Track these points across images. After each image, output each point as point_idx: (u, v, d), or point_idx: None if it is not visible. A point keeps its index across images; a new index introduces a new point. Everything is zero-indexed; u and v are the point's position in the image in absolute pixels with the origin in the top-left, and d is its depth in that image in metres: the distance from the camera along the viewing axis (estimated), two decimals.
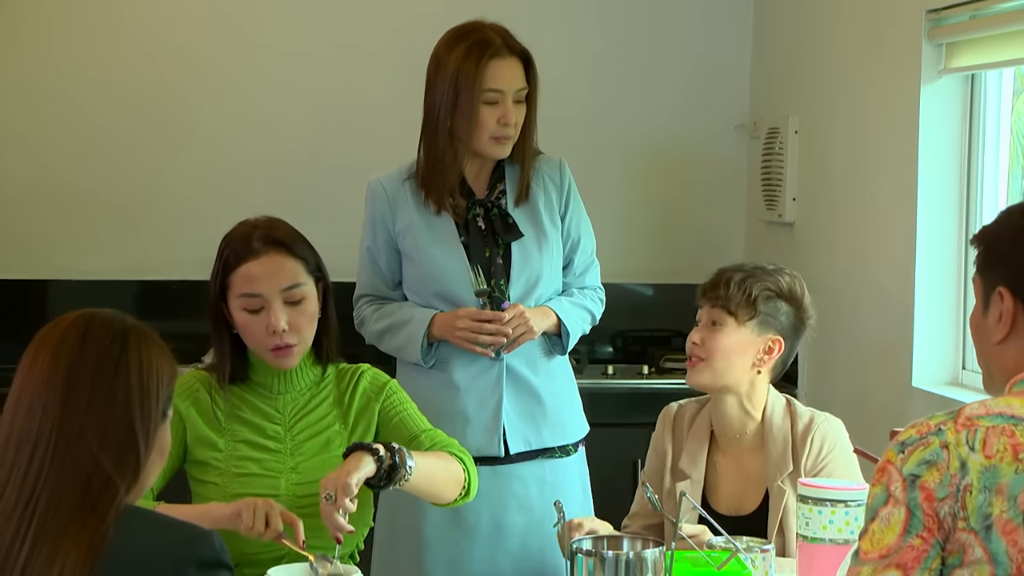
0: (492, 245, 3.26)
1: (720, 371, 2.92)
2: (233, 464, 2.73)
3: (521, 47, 3.24)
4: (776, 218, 4.72)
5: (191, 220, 4.73)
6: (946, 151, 3.80)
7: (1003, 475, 1.87)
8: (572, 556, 2.50)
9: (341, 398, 2.83)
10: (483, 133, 3.20)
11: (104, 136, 4.75)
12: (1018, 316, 2.01)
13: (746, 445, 2.96)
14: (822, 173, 4.46)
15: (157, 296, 4.75)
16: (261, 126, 4.82)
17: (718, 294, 2.95)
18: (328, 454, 2.77)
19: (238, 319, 2.74)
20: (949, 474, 1.88)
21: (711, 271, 3.07)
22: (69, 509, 1.83)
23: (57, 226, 4.72)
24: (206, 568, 1.87)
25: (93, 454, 1.85)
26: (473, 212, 3.27)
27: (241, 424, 2.77)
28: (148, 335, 1.95)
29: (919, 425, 1.94)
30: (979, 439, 1.89)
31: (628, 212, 5.02)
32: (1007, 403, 1.94)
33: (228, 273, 2.73)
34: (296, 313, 2.74)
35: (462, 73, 3.17)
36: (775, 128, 4.72)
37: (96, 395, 1.87)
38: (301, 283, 2.74)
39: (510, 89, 3.20)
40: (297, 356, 2.76)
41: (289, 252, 2.75)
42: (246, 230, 2.76)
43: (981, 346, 2.09)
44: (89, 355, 1.89)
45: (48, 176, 4.72)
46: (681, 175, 5.05)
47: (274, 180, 4.78)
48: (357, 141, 4.82)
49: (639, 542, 2.58)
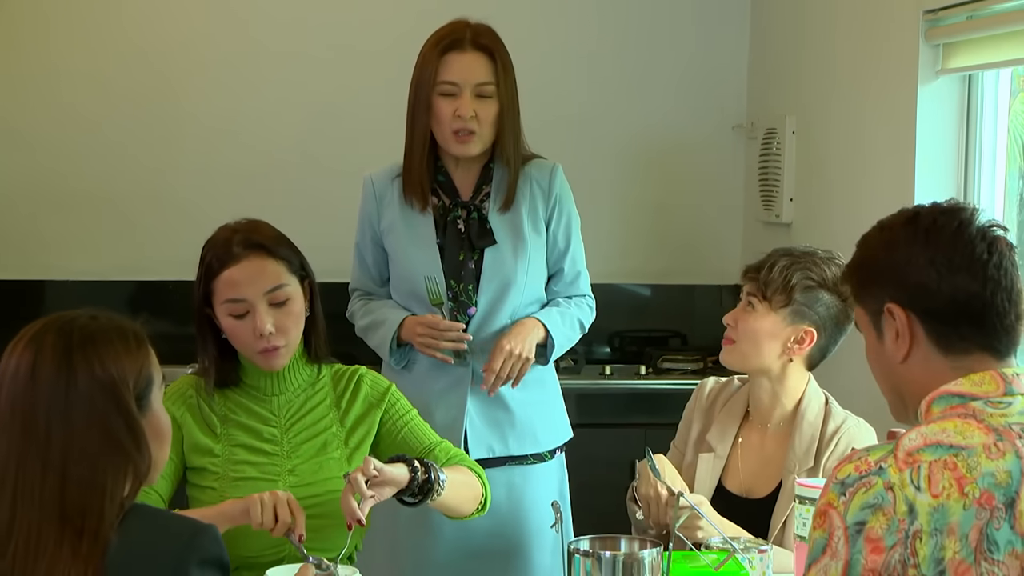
0: (467, 249, 3.23)
1: (747, 354, 2.93)
2: (230, 469, 2.72)
3: (488, 43, 3.19)
4: (773, 219, 4.72)
5: (188, 220, 4.72)
6: (943, 152, 3.80)
7: (952, 514, 1.82)
8: (569, 556, 2.50)
9: (338, 400, 2.83)
10: (443, 127, 3.18)
11: (101, 136, 4.74)
12: (914, 327, 1.96)
13: (773, 431, 2.97)
14: (819, 174, 4.46)
15: (154, 296, 4.74)
16: (258, 125, 4.82)
17: (758, 276, 2.93)
18: (326, 456, 2.76)
19: (225, 325, 2.73)
20: (896, 519, 1.82)
21: (708, 271, 3.07)
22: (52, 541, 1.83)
23: (53, 226, 4.71)
24: (206, 565, 1.88)
25: (59, 485, 1.85)
26: (454, 214, 3.24)
27: (237, 428, 2.76)
28: (97, 338, 1.92)
29: (858, 460, 1.87)
30: (923, 476, 1.83)
31: (625, 213, 5.01)
32: (941, 429, 1.88)
33: (211, 280, 2.73)
34: (282, 315, 2.73)
35: (423, 66, 3.20)
36: (772, 129, 4.72)
37: (53, 426, 1.87)
38: (284, 284, 2.73)
39: (467, 82, 3.16)
40: (285, 357, 2.75)
41: (270, 254, 2.74)
42: (226, 235, 2.74)
43: (886, 374, 2.03)
44: (41, 391, 1.88)
45: (44, 175, 4.71)
46: (678, 176, 5.05)
47: (270, 179, 4.78)
48: (353, 141, 4.82)
49: (636, 542, 2.58)
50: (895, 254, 1.97)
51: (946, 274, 1.93)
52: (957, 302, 1.93)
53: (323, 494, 2.72)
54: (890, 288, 1.98)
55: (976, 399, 1.92)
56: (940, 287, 1.93)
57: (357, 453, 2.79)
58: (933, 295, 1.94)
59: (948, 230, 1.95)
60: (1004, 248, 1.96)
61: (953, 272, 1.93)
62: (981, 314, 1.94)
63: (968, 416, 1.89)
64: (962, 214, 1.97)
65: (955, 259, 1.93)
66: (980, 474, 1.83)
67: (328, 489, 2.72)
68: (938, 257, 1.94)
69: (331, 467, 2.76)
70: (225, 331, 2.74)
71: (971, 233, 1.95)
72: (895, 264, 1.97)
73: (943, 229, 1.95)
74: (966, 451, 1.85)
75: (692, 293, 4.99)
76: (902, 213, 2.02)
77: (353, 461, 2.76)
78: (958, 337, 1.95)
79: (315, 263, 2.80)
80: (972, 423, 1.88)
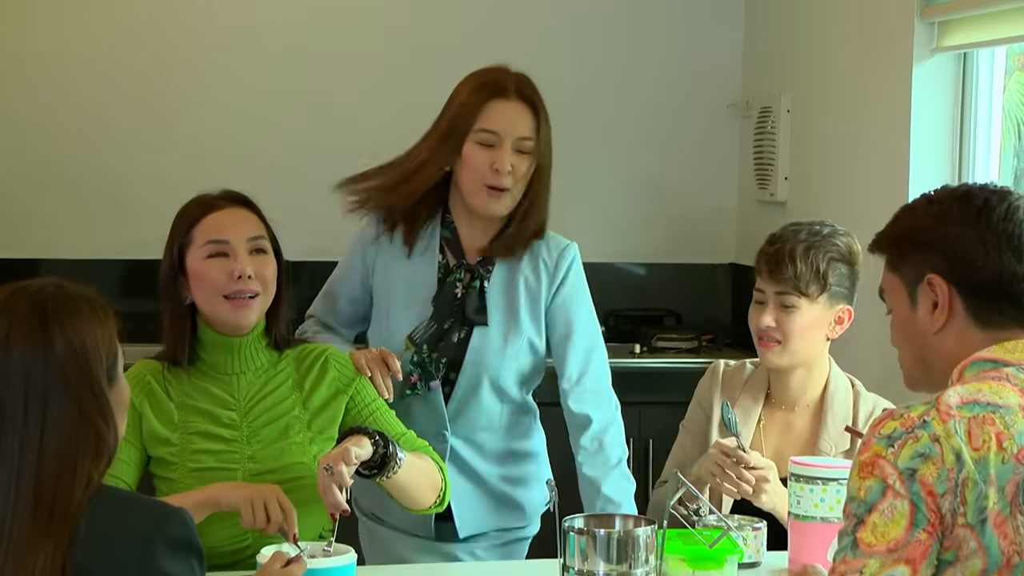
0: (458, 318, 2.95)
1: (799, 352, 2.93)
2: (188, 459, 2.65)
3: (531, 94, 2.95)
4: (768, 197, 4.72)
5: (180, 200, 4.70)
6: (938, 130, 3.80)
7: (992, 466, 1.85)
8: (564, 535, 2.50)
9: (301, 382, 2.74)
10: (474, 176, 2.89)
11: (92, 117, 4.73)
12: (954, 300, 2.00)
13: (800, 412, 2.98)
14: (814, 152, 4.46)
15: (146, 275, 4.73)
16: (250, 106, 4.81)
17: (785, 274, 2.89)
18: (287, 440, 2.68)
19: (198, 269, 2.64)
20: (945, 468, 1.85)
21: (703, 250, 3.06)
22: (27, 524, 1.81)
23: (46, 206, 4.71)
24: (176, 548, 1.86)
25: (36, 463, 1.82)
26: (456, 276, 2.96)
27: (195, 414, 2.67)
28: (70, 308, 1.88)
29: (901, 418, 1.90)
30: (964, 431, 1.86)
31: (620, 191, 5.01)
32: (977, 388, 1.91)
33: (190, 228, 2.67)
34: (260, 263, 2.66)
35: (463, 107, 2.93)
36: (767, 107, 4.72)
37: (32, 403, 1.83)
38: (264, 237, 2.69)
39: (509, 133, 2.90)
40: (256, 312, 2.66)
41: (252, 209, 2.71)
42: (205, 196, 2.73)
43: (915, 343, 2.05)
44: (15, 367, 1.84)
45: (35, 157, 4.71)
46: (673, 154, 5.05)
47: (261, 163, 4.76)
48: (347, 127, 4.81)
49: (631, 520, 2.58)
50: (946, 227, 2.01)
51: (994, 252, 1.98)
52: (1001, 280, 1.98)
53: (285, 480, 2.62)
54: (935, 259, 2.01)
55: (1009, 365, 1.96)
56: (986, 263, 1.98)
57: (321, 438, 2.71)
58: (979, 270, 1.98)
59: (999, 210, 2.00)
60: None
61: (1000, 251, 1.98)
62: (1021, 293, 1.99)
63: (1002, 379, 1.93)
64: (1011, 197, 2.02)
65: (1003, 239, 1.98)
66: (1017, 431, 1.87)
67: (291, 476, 2.64)
68: (988, 235, 1.98)
69: (293, 452, 2.68)
70: (195, 279, 2.64)
71: (1020, 216, 2.00)
72: (945, 236, 2.01)
73: (995, 209, 2.00)
74: (1003, 409, 1.89)
75: (687, 272, 4.99)
76: (951, 189, 2.07)
77: (316, 446, 2.69)
78: (998, 313, 1.99)
79: (306, 244, 2.79)
80: (1007, 385, 1.92)
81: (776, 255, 2.92)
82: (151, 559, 1.83)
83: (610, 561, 2.46)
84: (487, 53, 3.33)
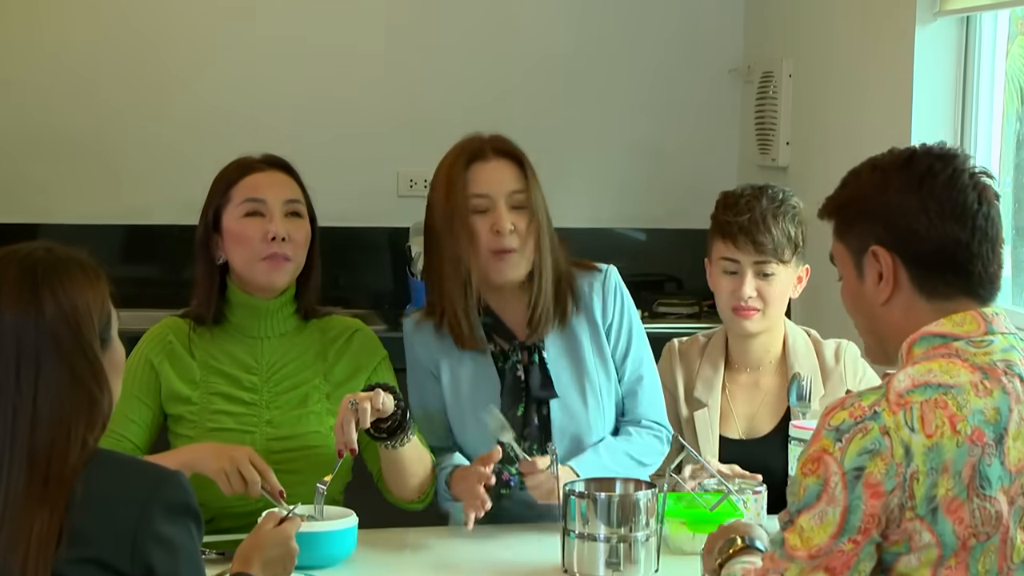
0: (529, 401, 2.81)
1: (775, 317, 3.00)
2: (207, 418, 2.68)
3: (510, 148, 2.80)
4: (770, 162, 4.70)
5: (178, 165, 4.70)
6: (940, 94, 3.78)
7: (946, 451, 1.83)
8: (565, 498, 2.50)
9: (325, 352, 2.77)
10: (479, 249, 2.72)
11: (90, 83, 4.69)
12: (898, 271, 1.96)
13: (764, 370, 3.00)
14: (816, 117, 4.44)
15: (142, 241, 4.73)
16: (247, 71, 4.77)
17: (765, 243, 2.90)
18: (305, 409, 2.71)
19: (234, 228, 2.66)
20: (895, 463, 1.82)
21: (704, 215, 3.06)
22: (22, 489, 1.80)
23: (44, 171, 4.68)
24: (173, 512, 1.85)
25: (30, 428, 1.81)
26: (513, 360, 2.83)
27: (217, 375, 2.70)
28: (60, 271, 1.86)
29: (851, 407, 1.87)
30: (916, 417, 1.83)
31: (620, 157, 4.99)
32: (927, 369, 1.88)
33: (229, 189, 2.68)
34: (294, 227, 2.69)
35: (449, 186, 2.75)
36: (769, 72, 4.70)
37: (24, 368, 1.82)
38: (300, 202, 2.72)
39: (499, 192, 2.74)
40: (288, 274, 2.69)
41: (291, 175, 2.74)
42: (246, 158, 2.74)
43: (864, 314, 2.03)
44: (6, 331, 1.83)
45: (33, 123, 4.67)
46: (674, 120, 5.03)
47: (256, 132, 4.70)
48: (345, 88, 4.79)
49: (631, 484, 2.58)
50: (887, 197, 1.96)
51: (937, 221, 1.93)
52: (945, 249, 1.94)
53: (300, 448, 2.68)
54: (878, 229, 1.97)
55: (958, 339, 1.92)
56: (929, 234, 1.93)
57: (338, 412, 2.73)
58: (922, 241, 1.94)
59: (942, 177, 1.95)
60: (992, 197, 1.97)
61: (943, 220, 1.93)
62: (967, 263, 1.94)
63: (952, 356, 1.90)
64: (955, 161, 1.97)
65: (946, 207, 1.93)
66: (970, 411, 1.85)
67: (306, 444, 2.68)
68: (931, 204, 1.93)
69: (310, 421, 2.71)
70: (231, 238, 2.67)
71: (964, 181, 1.95)
72: (887, 207, 1.96)
73: (938, 175, 1.95)
74: (955, 389, 1.86)
75: (687, 237, 4.96)
76: (896, 155, 2.01)
77: (333, 418, 2.66)
78: (943, 283, 1.95)
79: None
80: (957, 362, 1.89)
81: (750, 224, 2.93)
82: (148, 523, 1.82)
83: (610, 524, 2.47)
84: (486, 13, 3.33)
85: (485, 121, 4.83)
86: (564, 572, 2.50)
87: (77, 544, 1.80)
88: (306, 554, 2.34)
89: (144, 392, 2.69)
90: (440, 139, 4.99)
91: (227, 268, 2.71)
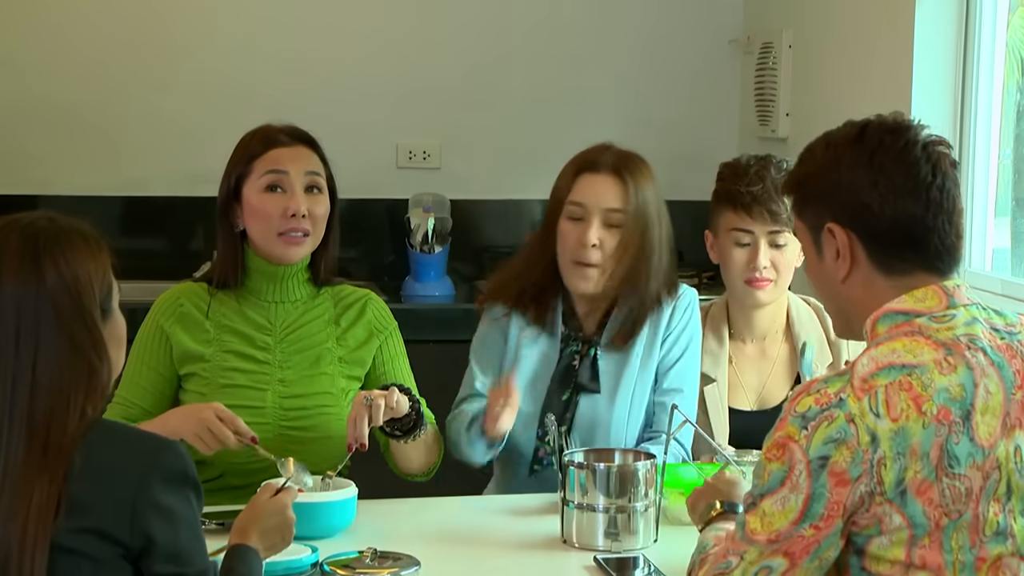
0: (575, 390, 2.89)
1: (785, 286, 3.03)
2: (220, 375, 2.72)
3: (627, 168, 2.86)
4: (769, 133, 4.70)
5: (179, 137, 4.69)
6: (940, 65, 3.77)
7: (912, 435, 1.82)
8: (564, 469, 2.51)
9: (338, 318, 2.82)
10: (564, 254, 2.83)
11: (91, 59, 4.68)
12: (855, 248, 1.95)
13: (771, 339, 3.01)
14: (816, 88, 4.43)
15: (142, 212, 4.72)
16: (249, 44, 4.77)
17: (780, 213, 2.90)
18: (318, 371, 2.76)
19: (255, 201, 2.70)
20: (860, 451, 1.82)
21: (703, 187, 3.06)
22: (22, 458, 1.80)
23: (45, 143, 4.68)
24: (172, 481, 1.85)
25: (29, 396, 1.81)
26: (572, 348, 2.91)
27: (230, 334, 2.75)
28: (63, 241, 1.86)
29: (817, 393, 1.86)
30: (881, 401, 1.82)
31: (620, 128, 4.93)
32: (891, 349, 1.88)
33: (251, 160, 2.72)
34: (313, 202, 2.73)
35: (558, 186, 2.89)
36: (768, 43, 4.69)
37: (23, 334, 1.82)
38: (321, 175, 2.75)
39: (595, 205, 2.81)
40: (305, 249, 2.74)
41: (314, 149, 2.78)
42: (270, 128, 2.77)
43: (828, 291, 2.02)
44: (7, 299, 1.83)
45: (34, 97, 4.66)
46: (673, 91, 5.02)
47: (259, 104, 4.72)
48: (346, 67, 4.78)
49: (631, 455, 2.59)
50: (839, 174, 1.95)
51: (889, 197, 1.92)
52: (899, 225, 1.93)
53: (311, 407, 2.72)
54: (833, 207, 1.96)
55: (920, 315, 1.91)
56: (883, 210, 1.92)
57: (350, 376, 2.79)
58: (875, 218, 1.93)
59: (893, 151, 1.93)
60: (947, 167, 1.95)
61: (896, 195, 1.92)
62: (923, 237, 1.93)
63: (915, 333, 1.89)
64: (908, 133, 1.95)
65: (898, 182, 1.92)
66: (935, 390, 1.84)
67: (317, 404, 2.72)
68: (882, 180, 1.92)
69: (323, 382, 2.75)
70: (251, 210, 2.71)
71: (916, 154, 1.93)
72: (838, 184, 1.95)
73: (888, 150, 1.93)
74: (919, 369, 1.85)
75: (688, 209, 4.94)
76: (848, 130, 1.99)
77: (345, 382, 2.77)
78: (900, 259, 1.94)
79: None
80: (920, 340, 1.88)
81: (764, 194, 2.92)
82: (147, 492, 1.82)
83: (609, 495, 2.47)
84: None
85: (483, 93, 4.87)
86: (563, 542, 2.51)
87: (76, 514, 1.80)
88: (307, 524, 2.36)
89: (155, 358, 2.73)
90: (439, 112, 5.03)
91: (245, 235, 2.77)
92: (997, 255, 3.73)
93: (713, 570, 1.91)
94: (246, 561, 2.05)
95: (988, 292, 3.51)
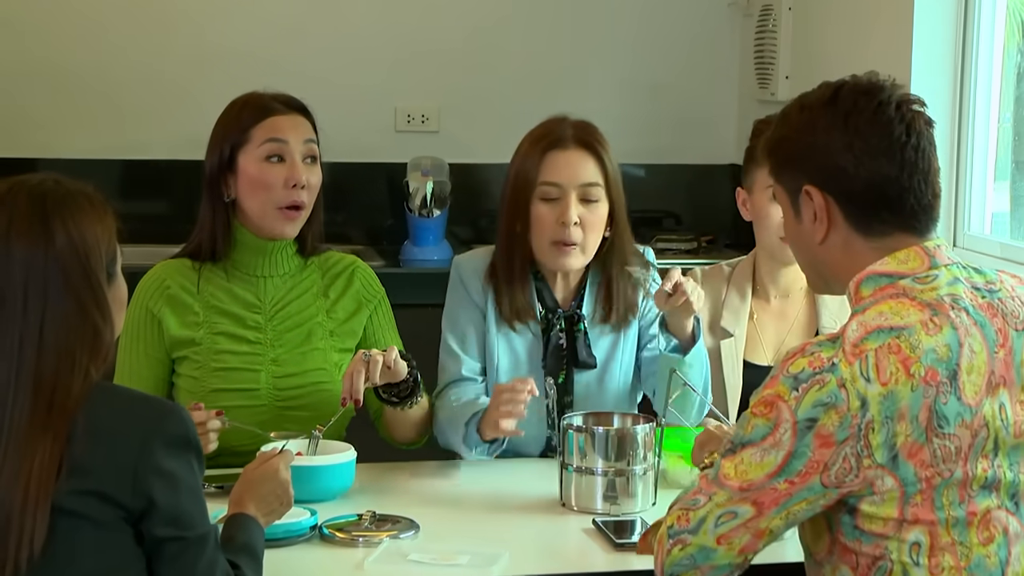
0: (570, 368, 2.85)
1: None
2: (212, 358, 2.69)
3: (593, 140, 2.82)
4: (769, 96, 4.68)
5: (179, 101, 4.68)
6: (941, 27, 3.76)
7: (901, 398, 1.83)
8: (563, 432, 2.52)
9: (326, 290, 2.79)
10: (542, 236, 2.78)
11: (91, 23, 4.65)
12: (832, 210, 1.95)
13: (793, 297, 3.03)
14: (815, 51, 4.42)
15: (142, 176, 4.72)
16: (249, 14, 4.74)
17: None
18: (310, 347, 2.73)
19: (254, 171, 2.67)
20: (849, 415, 1.83)
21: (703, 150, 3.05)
22: (27, 417, 1.81)
23: (45, 107, 4.66)
24: (174, 445, 1.86)
25: (36, 356, 1.83)
26: (557, 328, 2.85)
27: (220, 315, 2.71)
28: (70, 203, 1.88)
29: (811, 356, 1.87)
30: (871, 366, 1.83)
31: (619, 91, 4.97)
32: (878, 312, 1.88)
33: (248, 129, 2.68)
34: (310, 173, 2.71)
35: (521, 167, 2.81)
36: (768, 5, 4.67)
37: (32, 298, 1.84)
38: (316, 142, 2.73)
39: (571, 183, 2.77)
40: (300, 222, 2.72)
41: (307, 117, 2.75)
42: (262, 96, 2.73)
43: (805, 253, 2.03)
44: (16, 260, 1.84)
45: (35, 59, 4.64)
46: (673, 54, 5.00)
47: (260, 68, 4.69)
48: (348, 32, 4.76)
49: (629, 418, 2.60)
50: (813, 137, 1.96)
51: (864, 159, 1.92)
52: (874, 186, 1.93)
53: (306, 385, 2.71)
54: (809, 169, 1.97)
55: (903, 277, 1.92)
56: (858, 172, 1.93)
57: (342, 348, 2.77)
58: (851, 179, 1.93)
59: (867, 112, 1.94)
60: (922, 126, 1.96)
61: (871, 157, 1.92)
62: (899, 197, 1.94)
63: (900, 295, 1.90)
64: (881, 93, 1.96)
65: (873, 143, 1.93)
66: (923, 351, 1.85)
67: (311, 381, 2.71)
68: (856, 142, 1.93)
69: (315, 358, 2.73)
70: (248, 181, 2.67)
71: (889, 115, 1.94)
72: (813, 147, 1.96)
73: (863, 111, 1.94)
74: (906, 331, 1.86)
75: (686, 172, 4.97)
76: (822, 92, 2.00)
77: (337, 355, 2.75)
78: (877, 220, 1.95)
79: None
80: (905, 302, 1.89)
81: None
82: (149, 456, 1.83)
83: (608, 458, 2.48)
84: None
85: (482, 56, 4.85)
86: (562, 505, 2.52)
87: (77, 476, 1.81)
88: (306, 487, 2.37)
89: (149, 344, 2.70)
90: (437, 75, 5.01)
91: (233, 206, 2.72)
92: (996, 219, 3.73)
93: (681, 504, 1.95)
94: (245, 528, 2.06)
95: (987, 255, 3.51)
